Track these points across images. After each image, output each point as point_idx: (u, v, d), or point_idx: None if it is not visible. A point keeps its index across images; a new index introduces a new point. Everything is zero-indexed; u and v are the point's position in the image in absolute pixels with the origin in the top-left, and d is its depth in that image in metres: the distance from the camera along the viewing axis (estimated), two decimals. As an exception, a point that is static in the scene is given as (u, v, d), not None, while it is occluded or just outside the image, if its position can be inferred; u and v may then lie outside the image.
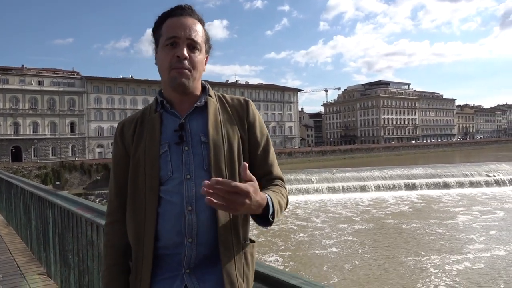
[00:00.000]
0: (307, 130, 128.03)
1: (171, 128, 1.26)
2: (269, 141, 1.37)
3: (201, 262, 1.20)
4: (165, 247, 1.21)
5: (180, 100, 1.29)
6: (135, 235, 1.24)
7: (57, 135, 63.31)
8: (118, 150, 1.34)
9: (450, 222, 24.89)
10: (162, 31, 1.26)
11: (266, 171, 1.33)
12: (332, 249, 19.50)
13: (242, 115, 1.32)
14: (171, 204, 1.21)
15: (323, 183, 37.23)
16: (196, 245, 1.19)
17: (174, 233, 1.19)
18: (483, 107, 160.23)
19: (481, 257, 17.65)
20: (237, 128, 1.29)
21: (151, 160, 1.23)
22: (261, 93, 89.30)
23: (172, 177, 1.22)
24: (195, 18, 1.28)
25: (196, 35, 1.25)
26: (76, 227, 3.23)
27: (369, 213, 28.43)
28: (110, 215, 1.36)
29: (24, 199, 5.73)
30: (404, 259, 17.60)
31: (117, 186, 1.33)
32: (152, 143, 1.25)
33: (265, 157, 1.34)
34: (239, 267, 1.22)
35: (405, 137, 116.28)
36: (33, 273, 4.53)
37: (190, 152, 1.23)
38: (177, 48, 1.22)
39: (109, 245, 1.34)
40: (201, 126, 1.26)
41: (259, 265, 1.41)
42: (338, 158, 78.20)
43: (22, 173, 43.41)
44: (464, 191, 36.13)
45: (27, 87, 61.44)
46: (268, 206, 1.13)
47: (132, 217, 1.26)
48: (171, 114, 1.29)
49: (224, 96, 1.37)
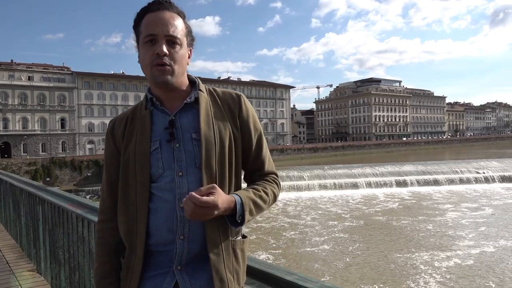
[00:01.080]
0: (299, 127, 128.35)
1: (162, 125, 1.25)
2: (262, 136, 1.35)
3: (192, 259, 1.20)
4: (157, 244, 1.21)
5: (168, 96, 1.28)
6: (127, 232, 1.24)
7: (47, 131, 62.68)
8: (109, 148, 1.34)
9: (440, 218, 25.15)
10: (141, 27, 1.23)
11: (259, 166, 1.34)
12: (324, 246, 19.60)
13: (234, 110, 1.30)
14: (163, 201, 1.20)
15: (315, 180, 37.37)
16: (188, 242, 1.19)
17: (166, 230, 1.19)
18: (473, 105, 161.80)
19: (470, 253, 17.87)
20: (228, 124, 1.28)
21: (141, 157, 1.23)
22: (253, 89, 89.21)
23: (164, 174, 1.21)
24: (174, 11, 1.24)
25: (174, 30, 1.21)
26: (67, 223, 3.20)
27: (360, 210, 28.62)
28: (103, 212, 1.36)
29: (14, 195, 5.66)
30: (394, 256, 17.75)
31: (109, 184, 1.33)
32: (143, 140, 1.24)
33: (258, 153, 1.33)
34: (228, 263, 1.21)
35: (396, 134, 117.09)
36: (23, 270, 4.48)
37: (182, 149, 1.22)
38: (156, 45, 1.20)
39: (101, 243, 1.34)
40: (192, 123, 1.25)
41: (253, 261, 1.40)
42: (330, 155, 78.55)
43: (11, 169, 42.94)
44: (454, 188, 36.54)
45: (16, 82, 60.67)
46: (236, 208, 1.15)
47: (124, 214, 1.25)
48: (161, 111, 1.27)
49: (216, 90, 1.35)
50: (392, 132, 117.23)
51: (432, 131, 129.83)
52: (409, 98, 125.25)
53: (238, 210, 1.16)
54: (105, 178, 1.35)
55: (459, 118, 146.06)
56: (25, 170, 46.35)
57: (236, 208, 1.15)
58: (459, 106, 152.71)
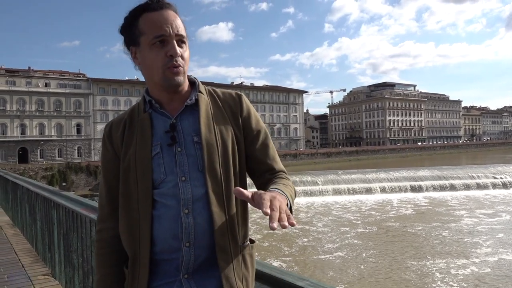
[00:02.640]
0: (312, 132, 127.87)
1: (162, 128, 1.21)
2: (267, 134, 1.31)
3: (199, 266, 1.16)
4: (162, 252, 1.16)
5: (169, 98, 1.23)
6: (130, 241, 1.19)
7: (63, 136, 63.70)
8: (107, 153, 1.28)
9: (456, 225, 24.69)
10: (141, 28, 1.16)
11: (268, 166, 1.28)
12: (337, 253, 19.35)
13: (235, 111, 1.26)
14: (166, 207, 1.16)
15: (329, 185, 37.10)
16: (194, 249, 1.14)
17: (170, 237, 1.14)
18: (489, 109, 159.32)
19: (488, 261, 17.45)
20: (230, 125, 1.24)
21: (143, 162, 1.18)
22: (266, 94, 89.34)
23: (166, 179, 1.17)
24: (173, 10, 1.19)
25: (181, 29, 1.18)
26: (80, 228, 3.22)
27: (374, 215, 28.29)
28: (102, 221, 1.30)
29: (30, 200, 5.75)
30: (409, 263, 17.45)
31: (108, 191, 1.27)
32: (143, 145, 1.19)
33: (264, 152, 1.28)
34: (238, 270, 1.18)
35: (411, 138, 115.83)
36: (38, 274, 4.53)
37: (184, 153, 1.18)
38: (168, 46, 1.15)
39: (103, 253, 1.28)
40: (193, 126, 1.20)
41: (264, 266, 1.38)
42: (344, 159, 78.02)
43: (28, 174, 43.70)
44: (471, 193, 35.85)
45: (33, 89, 61.88)
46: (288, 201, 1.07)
47: (126, 222, 1.20)
48: (160, 114, 1.23)
49: (216, 91, 1.31)
50: (407, 137, 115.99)
51: (448, 135, 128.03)
52: (424, 102, 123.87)
53: (289, 202, 1.08)
54: (103, 185, 1.29)
55: (476, 123, 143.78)
56: (41, 175, 47.14)
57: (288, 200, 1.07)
58: (475, 110, 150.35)
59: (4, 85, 60.18)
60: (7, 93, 59.60)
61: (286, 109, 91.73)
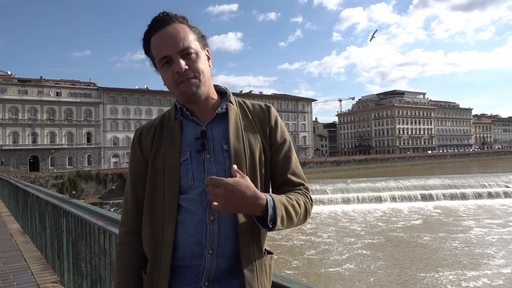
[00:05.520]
0: (321, 140, 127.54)
1: (192, 135, 1.22)
2: (291, 147, 1.32)
3: (221, 274, 1.15)
4: (184, 258, 1.16)
5: (199, 107, 1.25)
6: (152, 245, 1.19)
7: (74, 145, 64.27)
8: (136, 157, 1.29)
9: (467, 235, 24.30)
10: (152, 52, 1.20)
11: (287, 179, 1.28)
12: (346, 265, 19.06)
13: (264, 122, 1.28)
14: (191, 213, 1.16)
15: (338, 194, 36.88)
16: (217, 256, 1.14)
17: (194, 244, 1.14)
18: (500, 117, 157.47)
19: (500, 272, 17.12)
20: (258, 136, 1.26)
21: (171, 168, 1.19)
22: (275, 103, 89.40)
23: (193, 186, 1.17)
24: (176, 22, 1.19)
25: (184, 42, 1.17)
26: (89, 235, 3.22)
27: (384, 225, 27.98)
28: (125, 224, 1.29)
29: (40, 208, 5.78)
30: (420, 275, 17.14)
31: (135, 194, 1.27)
32: (173, 150, 1.20)
33: (285, 165, 1.29)
34: (261, 279, 1.17)
35: (421, 147, 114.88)
36: (47, 281, 4.53)
37: (212, 160, 1.19)
38: (173, 65, 1.17)
39: (125, 257, 1.27)
40: (223, 134, 1.22)
41: (276, 276, 1.35)
42: (353, 168, 77.61)
43: (39, 182, 44.10)
44: (482, 202, 35.37)
45: (45, 98, 62.73)
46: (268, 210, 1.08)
47: (150, 226, 1.20)
48: (191, 121, 1.25)
49: (245, 102, 1.32)
50: (417, 145, 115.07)
51: (458, 144, 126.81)
52: (433, 110, 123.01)
53: (270, 213, 1.07)
54: (130, 189, 1.29)
55: (487, 131, 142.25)
56: (52, 183, 47.51)
57: (268, 210, 1.07)
58: (486, 118, 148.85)
59: (16, 95, 61.18)
60: (19, 102, 60.50)
61: (295, 118, 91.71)
